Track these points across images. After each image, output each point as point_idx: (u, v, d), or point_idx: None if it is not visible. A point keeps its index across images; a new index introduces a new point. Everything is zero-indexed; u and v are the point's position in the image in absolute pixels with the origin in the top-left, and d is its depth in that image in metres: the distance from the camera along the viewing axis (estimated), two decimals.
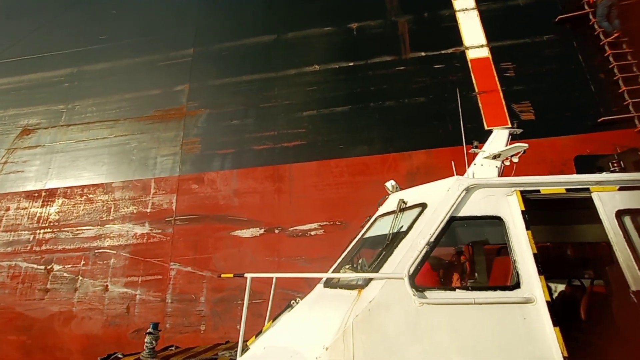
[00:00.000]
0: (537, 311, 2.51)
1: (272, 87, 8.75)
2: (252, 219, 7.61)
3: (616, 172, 3.43)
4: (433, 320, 2.55)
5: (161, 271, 7.46)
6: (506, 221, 2.85)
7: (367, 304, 2.60)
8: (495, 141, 4.34)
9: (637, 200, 2.83)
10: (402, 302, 2.59)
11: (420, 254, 2.72)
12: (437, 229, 2.79)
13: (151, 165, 8.54)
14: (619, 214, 2.78)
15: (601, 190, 2.87)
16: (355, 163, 7.67)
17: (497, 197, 2.94)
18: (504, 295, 2.61)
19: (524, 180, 3.01)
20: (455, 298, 2.61)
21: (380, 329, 2.55)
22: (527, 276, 2.63)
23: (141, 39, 10.02)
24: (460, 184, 2.96)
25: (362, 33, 8.90)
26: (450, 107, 7.87)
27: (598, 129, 7.20)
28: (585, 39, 7.90)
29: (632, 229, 2.75)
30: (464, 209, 2.91)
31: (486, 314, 2.54)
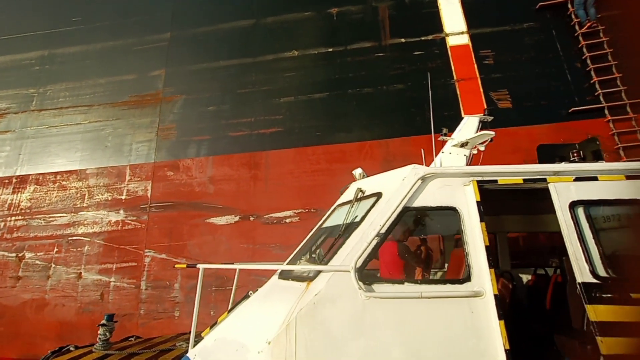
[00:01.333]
0: (485, 305, 2.47)
1: (249, 73, 8.58)
2: (228, 206, 7.56)
3: (575, 161, 3.41)
4: (379, 315, 2.48)
5: (136, 258, 7.41)
6: (461, 212, 2.77)
7: (312, 297, 2.53)
8: (465, 129, 4.30)
9: (591, 191, 2.79)
10: (348, 295, 2.51)
11: (369, 246, 2.62)
12: (387, 220, 2.69)
13: (126, 152, 8.39)
14: (572, 204, 2.75)
15: (557, 181, 2.83)
16: (332, 150, 7.62)
17: (454, 187, 2.86)
18: (453, 289, 2.56)
19: (481, 169, 2.93)
20: (402, 292, 2.55)
21: (324, 323, 2.47)
22: (478, 269, 2.59)
23: (116, 21, 9.69)
24: (416, 173, 2.85)
25: (342, 18, 8.72)
26: (428, 94, 7.83)
27: (572, 117, 7.23)
28: (564, 28, 7.85)
29: (584, 220, 2.71)
30: (419, 199, 2.82)
31: (433, 308, 2.49)
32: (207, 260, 7.28)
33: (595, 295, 2.45)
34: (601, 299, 2.43)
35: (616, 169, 2.83)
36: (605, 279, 2.50)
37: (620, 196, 2.74)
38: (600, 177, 2.80)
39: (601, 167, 2.89)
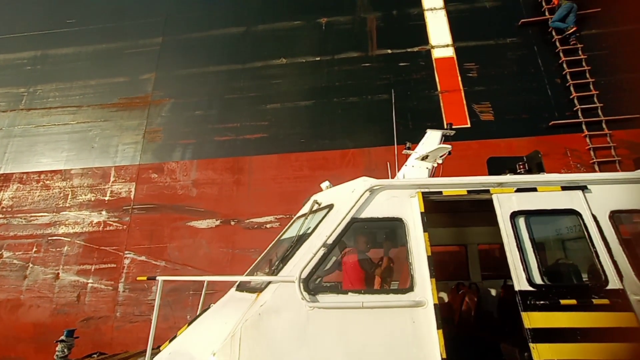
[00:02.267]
0: (427, 314, 2.52)
1: (238, 79, 8.69)
2: (209, 210, 7.58)
3: (521, 173, 3.50)
4: (322, 325, 2.51)
5: (115, 259, 7.39)
6: (407, 223, 2.84)
7: (258, 308, 2.56)
8: (428, 142, 4.38)
9: (530, 201, 2.88)
10: (293, 306, 2.54)
11: (315, 257, 2.66)
12: (334, 231, 2.75)
13: (112, 153, 8.43)
14: (513, 215, 2.83)
15: (500, 192, 2.93)
16: (315, 157, 7.69)
17: (401, 199, 2.93)
18: (395, 299, 2.60)
19: (427, 181, 3.04)
20: (345, 302, 2.57)
21: (268, 334, 2.49)
22: (421, 279, 2.64)
23: (110, 25, 9.84)
24: (365, 185, 2.93)
25: (330, 28, 8.90)
26: (412, 105, 7.96)
27: (551, 132, 7.35)
28: (545, 44, 8.04)
29: (523, 229, 2.80)
30: (367, 210, 2.88)
31: (376, 318, 2.52)
32: (186, 264, 7.28)
33: (530, 302, 2.51)
34: (535, 306, 2.49)
35: (553, 180, 2.94)
36: (540, 286, 2.57)
37: (557, 206, 2.82)
38: (539, 188, 2.89)
39: (540, 179, 2.99)
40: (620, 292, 2.50)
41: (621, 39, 7.61)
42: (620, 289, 2.50)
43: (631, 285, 2.52)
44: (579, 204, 2.81)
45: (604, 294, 2.49)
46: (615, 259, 2.61)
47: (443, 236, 5.41)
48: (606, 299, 2.47)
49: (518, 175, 3.38)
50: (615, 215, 2.76)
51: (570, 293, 2.52)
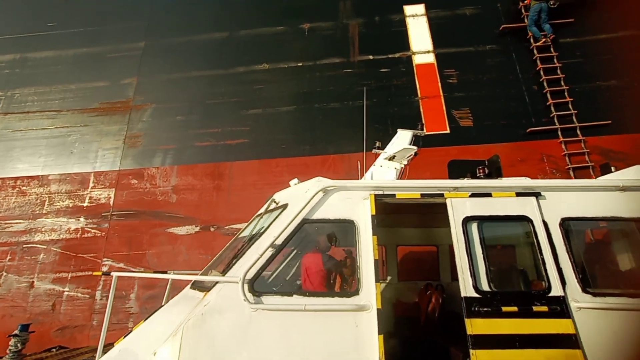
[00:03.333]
0: (370, 318, 2.51)
1: (220, 84, 8.66)
2: (189, 216, 7.52)
3: (481, 178, 3.51)
4: (264, 327, 2.49)
5: (93, 267, 7.28)
6: (358, 225, 2.81)
7: (201, 308, 2.53)
8: (398, 142, 4.40)
9: (484, 207, 2.88)
10: (236, 307, 2.51)
11: (261, 257, 2.64)
12: (283, 231, 2.72)
13: (92, 159, 8.32)
14: (465, 220, 2.83)
15: (454, 197, 2.92)
16: (296, 163, 7.69)
17: (354, 200, 2.90)
18: (339, 303, 2.58)
19: (381, 184, 3.03)
20: (288, 304, 2.56)
21: (209, 335, 2.46)
22: (368, 283, 2.62)
23: (92, 28, 9.74)
24: (319, 185, 2.91)
25: (313, 34, 8.93)
26: (392, 111, 8.02)
27: (529, 138, 7.46)
28: (524, 51, 8.16)
29: (475, 235, 2.79)
30: (320, 211, 2.85)
31: (318, 321, 2.50)
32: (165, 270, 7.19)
33: (474, 309, 2.52)
34: (479, 313, 2.51)
35: (508, 185, 2.95)
36: (486, 293, 2.58)
37: (510, 212, 2.83)
38: (494, 193, 2.90)
39: (495, 184, 2.99)
40: (561, 299, 2.52)
41: (594, 47, 7.77)
42: (561, 296, 2.53)
43: (573, 293, 2.55)
44: (531, 210, 2.81)
45: (546, 301, 2.51)
46: (560, 266, 2.63)
47: (416, 236, 5.44)
48: (546, 306, 2.49)
49: (477, 179, 3.39)
50: (565, 223, 2.78)
51: (513, 300, 2.54)
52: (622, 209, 2.81)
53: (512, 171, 7.27)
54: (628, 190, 2.85)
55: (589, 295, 2.54)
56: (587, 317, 2.48)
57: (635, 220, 2.82)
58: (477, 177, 3.51)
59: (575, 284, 2.58)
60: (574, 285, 2.57)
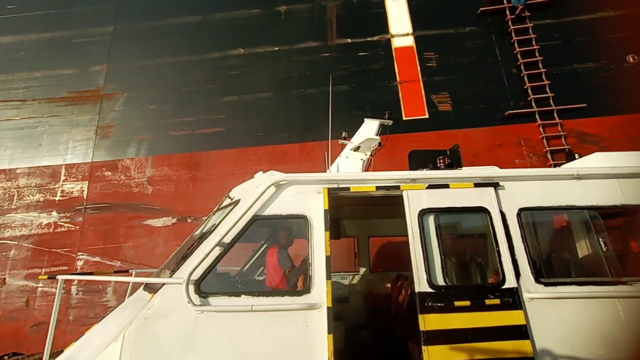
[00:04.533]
0: (321, 317, 2.43)
1: (194, 71, 8.35)
2: (166, 207, 7.37)
3: (441, 168, 3.44)
4: (211, 330, 2.39)
5: (67, 262, 7.12)
6: (311, 220, 2.69)
7: (145, 312, 2.42)
8: (364, 132, 4.27)
9: (441, 198, 2.80)
10: (181, 309, 2.40)
11: (208, 257, 2.51)
12: (231, 229, 2.58)
13: (62, 151, 8.01)
14: (421, 212, 2.75)
15: (411, 189, 2.83)
16: (274, 151, 7.55)
17: (307, 195, 2.78)
18: (288, 302, 2.49)
19: (335, 177, 2.91)
20: (235, 305, 2.45)
21: (153, 339, 2.37)
22: (319, 281, 2.53)
23: (56, 11, 9.20)
24: (270, 179, 2.77)
25: (289, 16, 8.61)
26: (371, 96, 7.88)
27: (507, 122, 7.44)
28: (503, 34, 8.04)
29: (432, 229, 2.72)
30: (271, 206, 2.73)
31: (267, 321, 2.42)
32: (143, 263, 7.08)
33: (427, 304, 2.48)
34: (432, 308, 2.47)
35: (466, 176, 2.88)
36: (440, 287, 2.54)
37: (468, 204, 2.78)
38: (451, 184, 2.83)
39: (453, 175, 2.91)
40: (514, 290, 2.51)
41: (572, 29, 7.70)
42: (514, 288, 2.52)
43: (526, 283, 2.54)
44: (489, 201, 2.76)
45: (499, 293, 2.50)
46: (516, 257, 2.60)
47: (388, 227, 5.39)
48: (498, 298, 2.48)
49: (437, 170, 3.32)
50: (523, 213, 2.75)
51: (467, 294, 2.52)
52: (577, 197, 2.79)
53: (490, 156, 7.35)
54: (583, 179, 2.83)
55: (541, 285, 2.54)
56: (539, 307, 2.48)
57: (588, 208, 2.82)
58: (437, 167, 3.44)
59: (529, 275, 2.56)
60: (528, 275, 2.56)
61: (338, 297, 5.19)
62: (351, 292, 5.35)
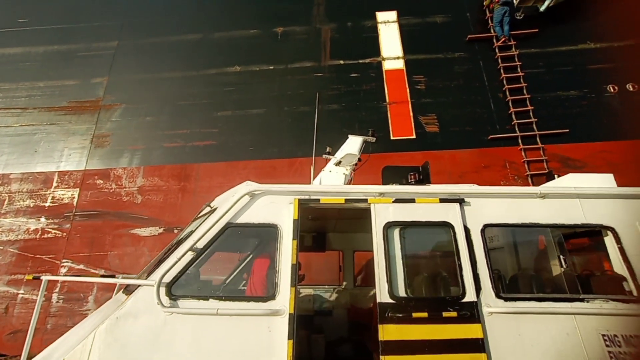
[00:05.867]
0: (284, 323, 2.50)
1: (191, 85, 8.64)
2: (153, 217, 7.43)
3: (412, 184, 3.54)
4: (178, 331, 2.46)
5: (51, 268, 7.11)
6: (281, 230, 2.81)
7: (117, 312, 2.50)
8: (347, 147, 4.42)
9: (407, 212, 2.89)
10: (152, 311, 2.49)
11: (180, 261, 2.62)
12: (204, 235, 2.70)
13: (57, 158, 8.18)
14: (387, 225, 2.84)
15: (378, 202, 2.93)
16: (263, 165, 7.69)
17: (279, 205, 2.90)
18: (253, 307, 2.56)
19: (307, 188, 3.02)
20: (201, 308, 2.53)
21: (122, 339, 2.43)
22: (284, 288, 2.61)
23: (64, 26, 9.63)
24: (245, 189, 2.91)
25: (286, 37, 8.99)
26: (360, 116, 8.09)
27: (492, 144, 7.60)
28: (490, 60, 8.35)
29: (396, 241, 2.81)
30: (244, 215, 2.84)
31: (232, 325, 2.49)
32: (127, 272, 7.06)
33: (387, 315, 2.53)
34: (392, 319, 2.51)
35: (432, 192, 2.98)
36: (401, 299, 2.59)
37: (432, 218, 2.86)
38: (417, 199, 2.93)
39: (420, 190, 3.01)
40: (474, 304, 2.56)
41: (556, 58, 8.00)
42: (473, 302, 2.56)
43: (487, 298, 2.58)
44: (453, 216, 2.84)
45: (458, 307, 2.55)
46: (478, 271, 2.67)
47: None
48: (456, 311, 2.52)
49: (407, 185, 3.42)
50: (487, 229, 2.83)
51: (427, 306, 2.57)
52: (541, 215, 2.87)
53: (476, 177, 7.46)
54: (547, 198, 2.92)
55: (502, 300, 2.59)
56: (498, 322, 2.52)
57: (551, 226, 2.89)
58: (408, 182, 3.55)
59: (489, 289, 2.61)
60: (488, 290, 2.61)
61: (321, 310, 5.20)
62: (335, 306, 5.34)
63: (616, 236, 2.77)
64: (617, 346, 2.42)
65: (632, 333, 2.44)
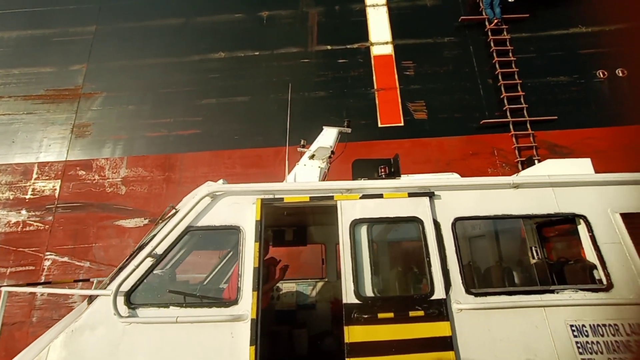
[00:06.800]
0: (247, 329, 2.41)
1: (174, 73, 8.34)
2: (138, 208, 7.30)
3: (382, 177, 3.44)
4: (137, 342, 2.36)
5: (34, 261, 7.00)
6: (244, 231, 2.68)
7: (73, 324, 2.39)
8: (322, 140, 4.26)
9: (374, 209, 2.77)
10: (110, 321, 2.37)
11: (138, 268, 2.51)
12: (163, 240, 2.58)
13: (36, 149, 7.93)
14: (353, 223, 2.72)
15: (344, 199, 2.81)
16: (249, 155, 7.54)
17: (242, 205, 2.77)
18: (214, 313, 2.48)
19: (271, 187, 2.87)
20: (161, 317, 2.43)
21: (77, 353, 2.32)
22: (247, 292, 2.51)
23: (38, 9, 9.17)
24: (206, 190, 2.77)
25: (272, 22, 8.68)
26: (348, 103, 7.93)
27: (481, 131, 7.53)
28: (481, 45, 8.17)
29: (364, 239, 2.69)
30: (206, 217, 2.71)
31: (193, 333, 2.40)
32: (112, 264, 6.97)
33: (353, 316, 2.45)
34: (357, 320, 2.44)
35: (401, 186, 2.87)
36: (367, 299, 2.51)
37: (401, 214, 2.76)
38: (385, 194, 2.81)
39: (388, 185, 2.89)
40: (442, 302, 2.49)
41: (547, 43, 7.85)
42: (442, 299, 2.50)
43: (457, 295, 2.52)
44: (423, 211, 2.74)
45: (427, 305, 2.48)
46: (448, 267, 2.59)
47: None
48: (422, 310, 2.46)
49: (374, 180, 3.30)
50: (458, 223, 2.74)
51: (394, 305, 2.49)
52: (514, 206, 2.80)
53: (464, 164, 7.41)
54: (521, 187, 2.85)
55: (472, 296, 2.53)
56: (467, 318, 2.47)
57: (524, 217, 2.83)
58: (379, 177, 3.44)
59: (459, 285, 2.55)
60: (459, 286, 2.55)
61: (304, 305, 5.17)
62: (318, 300, 5.31)
63: (588, 224, 2.72)
64: (585, 336, 2.40)
65: (599, 322, 2.43)
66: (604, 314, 2.44)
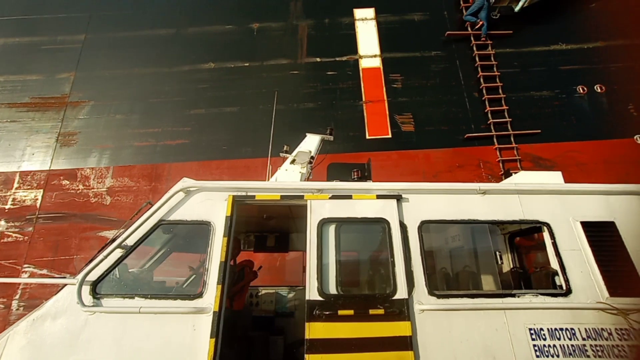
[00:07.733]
0: (209, 322, 2.44)
1: (163, 82, 8.34)
2: (123, 219, 7.15)
3: (354, 180, 3.55)
4: (99, 332, 2.37)
5: (12, 274, 6.76)
6: (214, 227, 2.73)
7: (35, 313, 2.39)
8: (305, 146, 4.36)
9: (343, 209, 2.84)
10: (73, 310, 2.39)
11: (107, 258, 2.55)
12: (134, 232, 2.63)
13: (18, 157, 7.77)
14: (322, 222, 2.79)
15: (314, 199, 2.88)
16: (236, 165, 7.51)
17: (215, 202, 2.84)
18: (178, 305, 2.49)
19: (243, 185, 2.94)
20: (124, 307, 2.45)
21: (35, 342, 2.31)
22: (212, 285, 2.56)
23: (27, 17, 9.13)
24: (180, 185, 2.84)
25: (262, 34, 8.78)
26: (336, 115, 8.00)
27: (467, 144, 7.65)
28: (467, 59, 8.38)
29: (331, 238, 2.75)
30: (178, 212, 2.78)
31: (155, 324, 2.42)
32: None
33: (315, 313, 2.47)
34: (319, 317, 2.46)
35: (370, 188, 2.94)
36: (330, 296, 2.54)
37: (368, 214, 2.82)
38: (354, 195, 2.87)
39: (357, 186, 2.98)
40: (404, 302, 2.52)
41: (530, 59, 8.10)
42: (404, 299, 2.52)
43: (420, 295, 2.56)
44: (390, 213, 2.80)
45: (388, 304, 2.51)
46: (412, 268, 2.64)
47: None
48: (383, 309, 2.48)
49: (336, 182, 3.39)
50: (425, 225, 2.81)
51: (355, 303, 2.52)
52: (480, 212, 2.87)
53: (450, 176, 7.49)
54: (488, 194, 2.91)
55: (434, 297, 2.57)
56: (429, 319, 2.50)
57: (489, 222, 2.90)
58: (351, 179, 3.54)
59: (422, 287, 2.59)
60: (422, 287, 2.59)
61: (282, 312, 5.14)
62: (297, 307, 5.29)
63: (550, 231, 2.80)
64: (542, 339, 2.45)
65: (556, 326, 2.48)
66: (562, 318, 2.50)
